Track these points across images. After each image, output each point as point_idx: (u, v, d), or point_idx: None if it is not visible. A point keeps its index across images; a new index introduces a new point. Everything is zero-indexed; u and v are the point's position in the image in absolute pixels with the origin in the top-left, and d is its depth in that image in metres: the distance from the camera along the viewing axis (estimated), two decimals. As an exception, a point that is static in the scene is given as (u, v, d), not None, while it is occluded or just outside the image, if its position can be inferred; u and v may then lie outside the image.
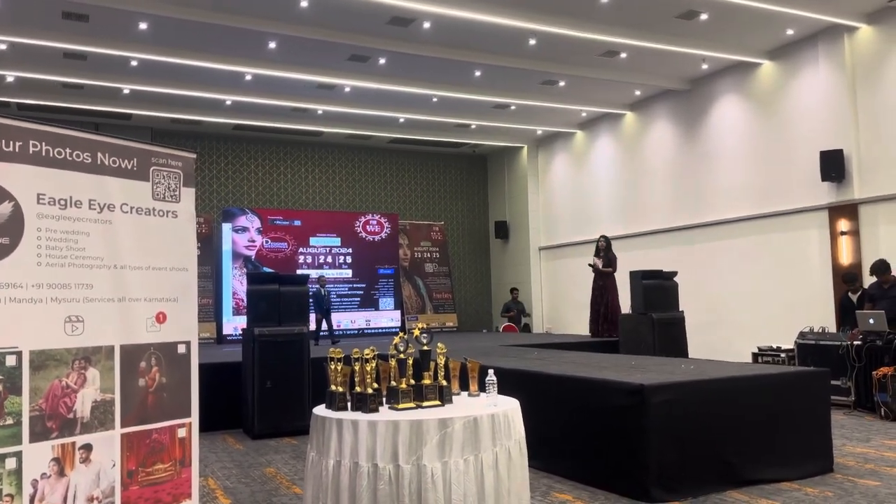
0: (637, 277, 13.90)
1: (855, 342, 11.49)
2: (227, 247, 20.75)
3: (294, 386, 10.97)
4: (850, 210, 14.88)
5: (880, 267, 12.41)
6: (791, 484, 7.18)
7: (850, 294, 13.32)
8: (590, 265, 16.42)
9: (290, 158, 23.44)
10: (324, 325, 18.71)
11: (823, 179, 15.05)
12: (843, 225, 14.92)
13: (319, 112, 20.40)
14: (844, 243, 14.89)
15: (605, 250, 16.40)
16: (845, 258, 14.79)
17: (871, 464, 7.99)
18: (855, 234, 14.78)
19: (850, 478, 7.40)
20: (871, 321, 11.46)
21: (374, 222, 22.71)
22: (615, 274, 16.16)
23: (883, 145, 14.48)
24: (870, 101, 14.73)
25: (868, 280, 13.38)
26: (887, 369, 10.76)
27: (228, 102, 19.16)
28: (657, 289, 13.80)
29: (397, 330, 21.78)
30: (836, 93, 15.13)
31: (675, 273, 14.22)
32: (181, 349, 4.92)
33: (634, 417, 6.87)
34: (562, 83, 18.71)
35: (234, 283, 20.56)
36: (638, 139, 20.45)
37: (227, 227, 20.80)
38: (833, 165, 14.87)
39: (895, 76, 14.36)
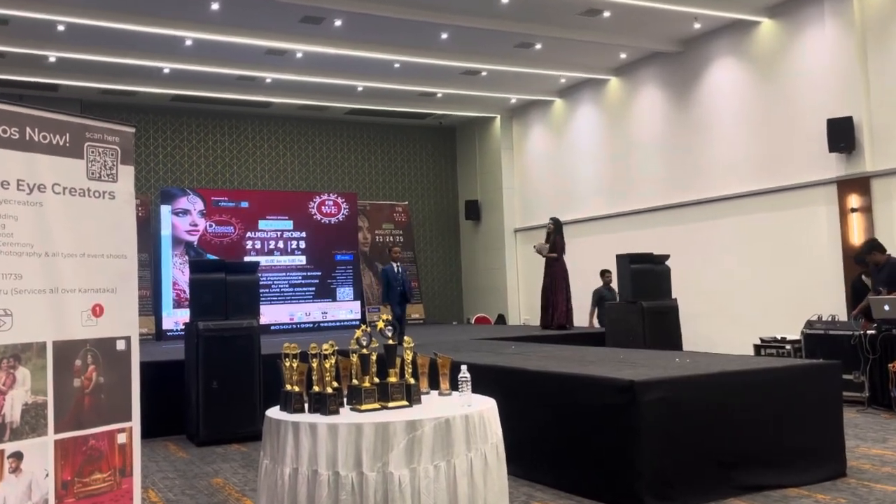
0: (625, 262, 13.96)
1: (869, 331, 11.57)
2: (166, 232, 20.65)
3: (243, 386, 10.98)
4: (861, 184, 15.00)
5: (868, 247, 12.71)
6: (799, 490, 7.26)
7: (863, 277, 13.42)
8: (534, 248, 16.70)
9: (235, 133, 23.34)
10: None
11: (831, 150, 15.15)
12: (854, 201, 15.03)
13: (268, 80, 20.32)
14: (855, 221, 15.00)
15: (552, 234, 16.70)
16: (856, 237, 14.86)
17: (889, 467, 8.08)
18: (867, 210, 14.90)
19: (864, 483, 7.48)
20: (887, 307, 11.56)
21: (331, 203, 22.68)
22: (566, 261, 16.62)
23: (896, 112, 14.63)
24: (882, 63, 14.83)
25: None
26: (905, 361, 10.86)
27: (166, 71, 19.03)
28: (647, 274, 13.88)
29: (358, 323, 21.75)
30: (844, 54, 15.22)
31: (667, 256, 14.32)
32: (120, 345, 4.94)
33: (624, 417, 6.93)
34: (538, 46, 18.73)
35: (175, 273, 20.48)
36: (624, 108, 20.53)
37: (165, 210, 20.70)
38: (842, 135, 14.95)
39: (909, 36, 14.53)
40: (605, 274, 18.23)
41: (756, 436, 7.34)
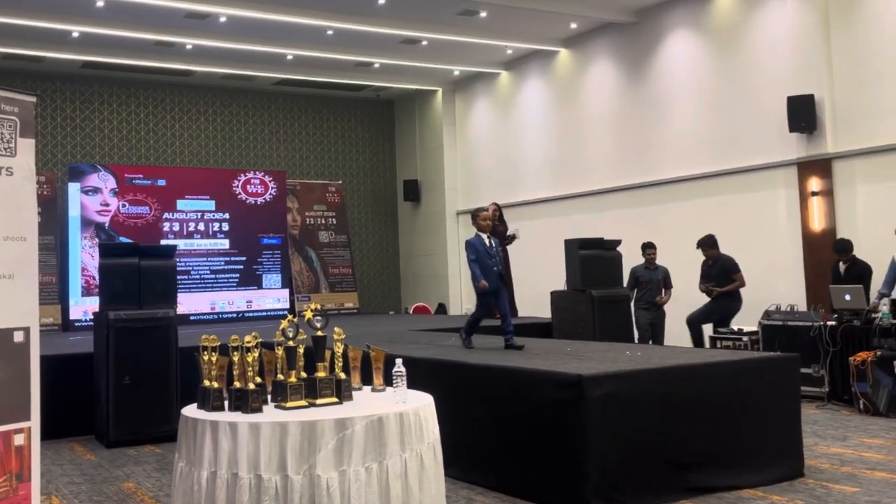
0: (573, 247, 13.98)
1: (829, 323, 11.70)
2: (74, 212, 20.37)
3: (159, 382, 10.87)
4: (822, 166, 15.15)
5: (708, 242, 14.67)
6: (754, 491, 7.35)
7: (840, 265, 13.51)
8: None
9: (152, 104, 23.07)
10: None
11: (791, 130, 15.29)
12: (815, 184, 15.18)
13: (189, 47, 20.10)
14: (816, 205, 15.16)
15: (499, 218, 16.87)
16: (817, 223, 15.06)
17: (848, 466, 8.19)
18: (828, 194, 15.07)
19: (823, 483, 7.57)
20: (848, 297, 11.69)
21: (257, 182, 22.51)
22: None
23: (861, 90, 14.75)
24: (846, 38, 14.97)
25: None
26: (866, 354, 10.96)
27: (76, 34, 18.72)
28: (597, 260, 13.91)
29: (285, 312, 21.66)
30: (806, 27, 15.34)
31: (618, 242, 14.37)
32: (18, 337, 4.86)
33: (570, 414, 6.95)
34: (483, 14, 18.68)
35: (84, 257, 20.24)
36: (574, 82, 20.58)
37: (74, 188, 20.41)
38: (803, 114, 15.09)
39: (876, 8, 14.66)
40: (648, 248, 15.83)
41: (710, 434, 7.41)
